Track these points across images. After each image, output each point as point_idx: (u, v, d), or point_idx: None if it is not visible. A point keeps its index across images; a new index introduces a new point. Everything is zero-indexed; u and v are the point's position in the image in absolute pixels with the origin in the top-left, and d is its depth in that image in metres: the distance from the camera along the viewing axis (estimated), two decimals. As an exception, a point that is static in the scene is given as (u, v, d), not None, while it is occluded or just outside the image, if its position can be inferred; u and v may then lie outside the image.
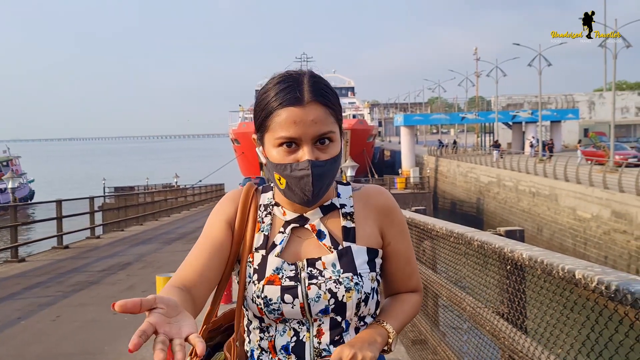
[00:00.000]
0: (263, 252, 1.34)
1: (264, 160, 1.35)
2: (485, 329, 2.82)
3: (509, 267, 2.53)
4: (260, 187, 1.45)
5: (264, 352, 1.33)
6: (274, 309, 1.28)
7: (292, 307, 1.27)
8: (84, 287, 8.54)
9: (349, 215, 1.37)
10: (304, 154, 1.25)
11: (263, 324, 1.33)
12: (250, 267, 1.33)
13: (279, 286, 1.28)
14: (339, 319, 1.29)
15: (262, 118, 1.30)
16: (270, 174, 1.32)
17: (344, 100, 63.57)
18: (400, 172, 44.28)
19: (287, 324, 1.30)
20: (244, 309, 1.36)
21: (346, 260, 1.30)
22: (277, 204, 1.39)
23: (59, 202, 14.09)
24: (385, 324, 1.33)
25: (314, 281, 1.28)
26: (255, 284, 1.30)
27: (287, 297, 1.27)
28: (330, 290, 1.27)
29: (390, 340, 1.32)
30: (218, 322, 1.43)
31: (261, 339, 1.33)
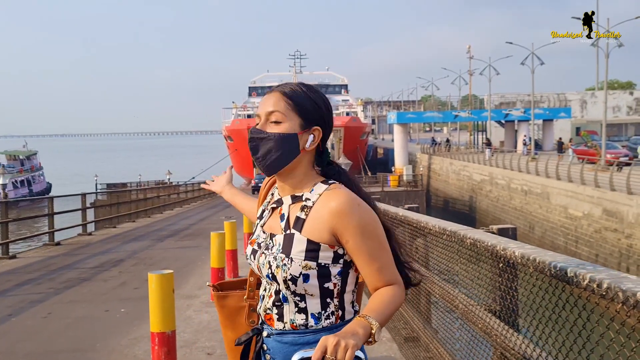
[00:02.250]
0: (259, 220, 1.77)
1: None
2: (478, 326, 2.83)
3: (501, 264, 2.54)
4: None
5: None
6: (249, 263, 1.72)
7: (254, 266, 1.68)
8: (75, 284, 8.48)
9: (306, 208, 1.62)
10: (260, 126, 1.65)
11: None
12: (254, 229, 1.79)
13: (252, 247, 1.70)
14: (277, 288, 1.62)
15: None
16: None
17: (337, 98, 63.57)
18: (393, 169, 44.34)
19: (263, 279, 1.68)
20: None
21: (287, 243, 1.60)
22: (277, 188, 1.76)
23: (50, 199, 14.02)
24: (367, 317, 1.47)
25: (266, 252, 1.63)
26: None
27: (252, 257, 1.69)
28: (269, 262, 1.60)
29: (373, 332, 1.44)
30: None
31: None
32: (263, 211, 1.77)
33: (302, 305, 1.59)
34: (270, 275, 1.59)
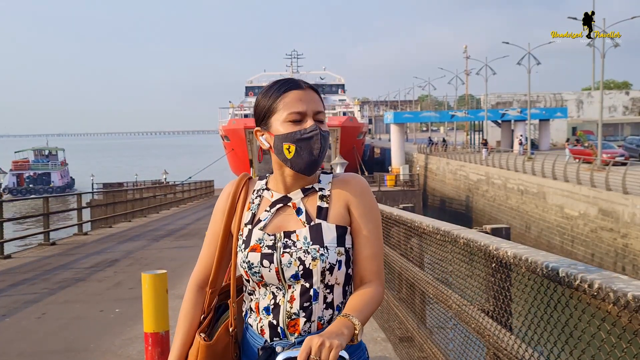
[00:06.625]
0: (250, 226, 1.63)
1: (267, 146, 1.63)
2: (471, 326, 2.83)
3: (494, 264, 2.54)
4: (257, 177, 1.75)
5: (252, 312, 1.62)
6: (255, 272, 1.56)
7: (269, 271, 1.54)
8: (70, 284, 8.46)
9: (325, 197, 1.62)
10: (310, 122, 1.57)
11: (249, 288, 1.62)
12: (240, 239, 1.63)
13: (260, 253, 1.56)
14: (307, 285, 1.54)
15: (269, 105, 1.60)
16: (279, 148, 1.57)
17: (334, 98, 63.58)
18: (390, 169, 44.33)
19: (268, 288, 1.57)
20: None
21: (316, 234, 1.56)
22: (267, 189, 1.68)
23: (45, 199, 13.98)
24: (350, 317, 1.47)
25: (287, 250, 1.55)
26: (242, 252, 1.60)
27: (265, 262, 1.55)
28: (299, 259, 1.53)
29: (356, 332, 1.46)
30: (226, 287, 1.70)
31: (250, 300, 1.63)
32: (253, 215, 1.64)
33: (329, 298, 1.56)
34: (301, 273, 1.53)
